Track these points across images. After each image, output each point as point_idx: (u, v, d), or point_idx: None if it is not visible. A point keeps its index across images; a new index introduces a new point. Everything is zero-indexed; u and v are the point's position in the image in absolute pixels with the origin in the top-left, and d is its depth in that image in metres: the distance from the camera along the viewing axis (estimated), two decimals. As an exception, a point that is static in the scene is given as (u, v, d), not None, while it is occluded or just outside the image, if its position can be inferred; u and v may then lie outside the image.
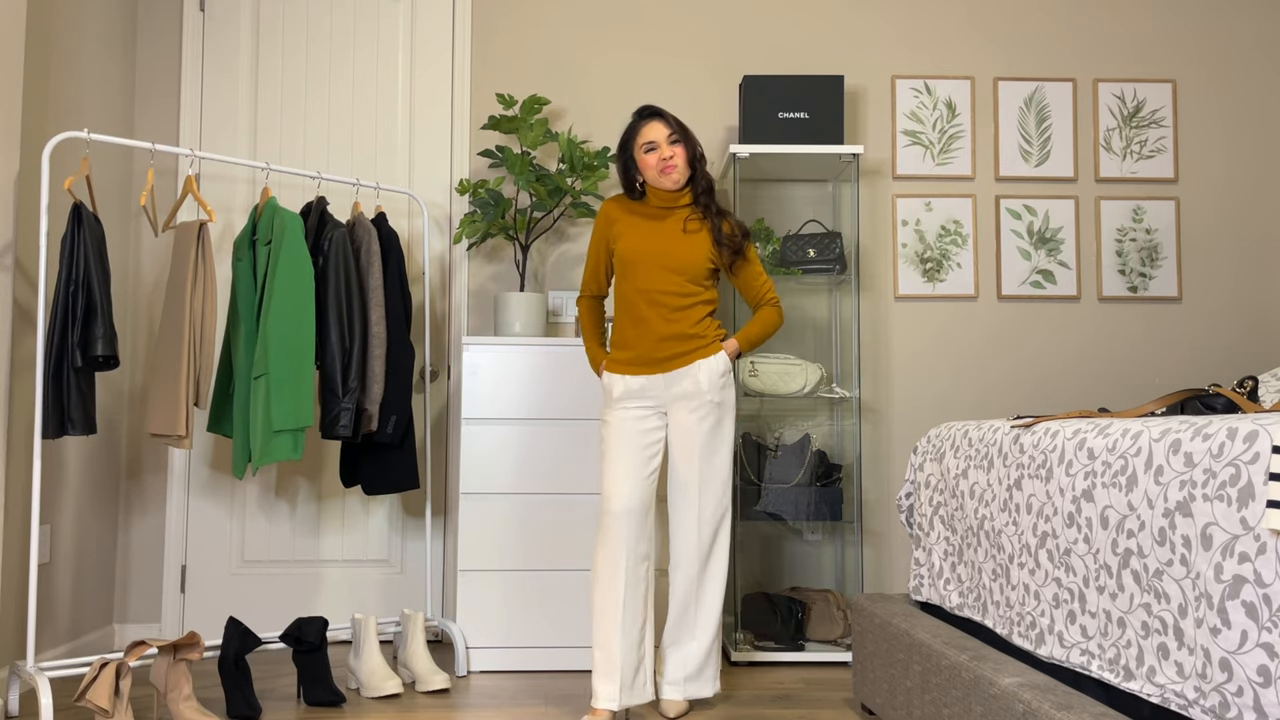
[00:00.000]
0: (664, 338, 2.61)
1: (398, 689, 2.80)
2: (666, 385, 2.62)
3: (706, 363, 2.62)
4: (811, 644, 3.31)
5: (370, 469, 3.16)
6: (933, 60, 3.75)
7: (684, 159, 2.65)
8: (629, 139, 2.69)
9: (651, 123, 2.65)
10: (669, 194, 2.69)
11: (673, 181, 2.65)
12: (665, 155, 2.62)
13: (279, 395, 2.80)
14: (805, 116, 3.39)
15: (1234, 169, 3.76)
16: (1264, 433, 1.33)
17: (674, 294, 2.61)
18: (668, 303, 2.61)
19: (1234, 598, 1.33)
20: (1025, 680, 1.74)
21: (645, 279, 2.63)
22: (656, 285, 2.62)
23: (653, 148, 2.64)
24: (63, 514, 3.06)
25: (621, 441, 2.60)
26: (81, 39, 3.17)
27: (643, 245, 2.65)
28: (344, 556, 3.55)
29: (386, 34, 3.68)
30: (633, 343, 2.64)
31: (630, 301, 2.65)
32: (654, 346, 2.61)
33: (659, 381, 2.62)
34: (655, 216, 2.70)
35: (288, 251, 2.86)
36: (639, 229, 2.68)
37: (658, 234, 2.66)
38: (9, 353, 2.67)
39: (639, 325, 2.63)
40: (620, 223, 2.71)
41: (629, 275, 2.66)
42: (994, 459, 2.10)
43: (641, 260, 2.64)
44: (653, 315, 2.61)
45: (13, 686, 2.63)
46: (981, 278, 3.70)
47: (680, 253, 2.63)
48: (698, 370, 2.61)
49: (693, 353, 2.62)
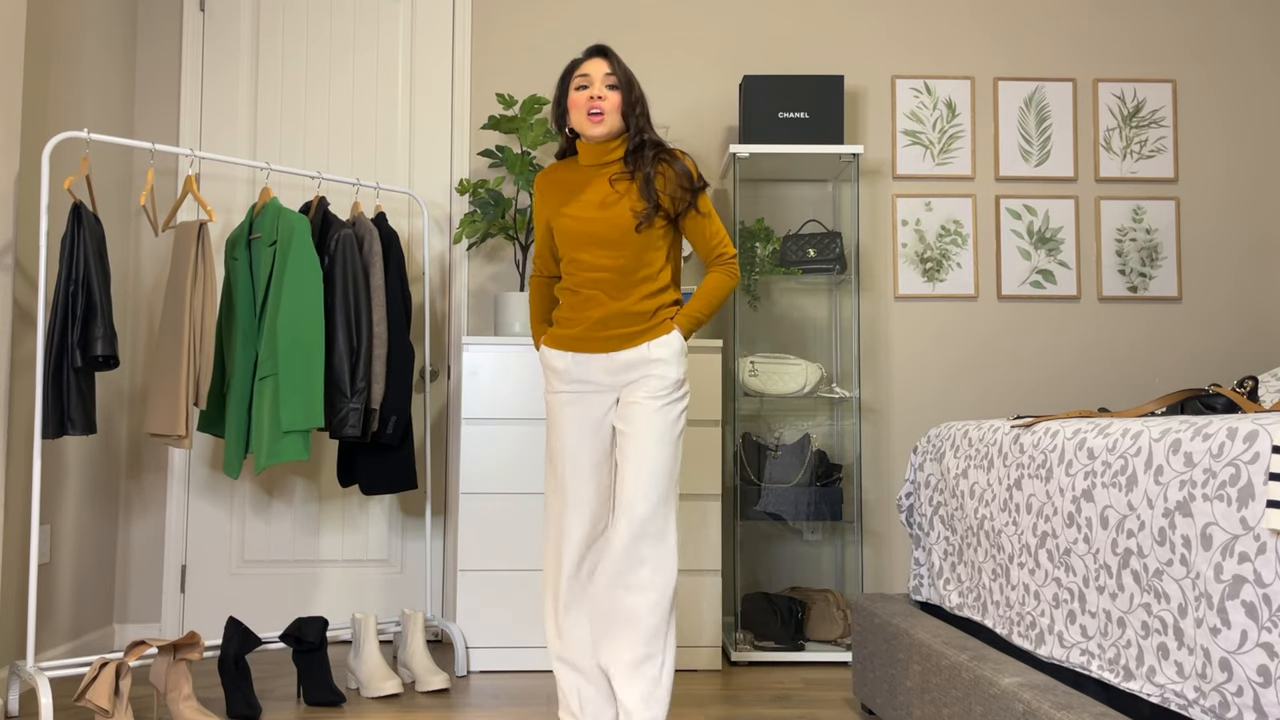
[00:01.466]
0: (605, 317, 2.31)
1: (397, 689, 2.80)
2: (611, 368, 2.32)
3: (651, 345, 2.31)
4: (811, 644, 3.31)
5: (369, 469, 3.16)
6: (933, 60, 3.75)
7: (615, 107, 2.31)
8: (567, 74, 2.38)
9: (593, 59, 2.35)
10: (598, 149, 2.35)
11: (598, 130, 2.30)
12: (595, 94, 2.30)
13: (289, 396, 2.80)
14: (805, 116, 3.39)
15: (1234, 169, 3.76)
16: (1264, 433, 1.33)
17: (609, 270, 2.30)
18: (606, 280, 2.31)
19: (1234, 598, 1.33)
20: (1025, 680, 1.74)
21: (578, 253, 2.33)
22: (591, 260, 2.31)
23: (584, 85, 2.32)
24: (63, 514, 3.06)
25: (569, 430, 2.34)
26: (81, 39, 3.17)
27: (570, 214, 2.34)
28: (344, 556, 3.55)
29: (386, 34, 3.68)
30: (576, 321, 2.35)
31: (575, 278, 2.36)
32: (593, 327, 2.32)
33: (605, 363, 2.32)
34: (582, 182, 2.37)
35: (297, 252, 2.86)
36: (567, 198, 2.37)
37: (584, 202, 2.34)
38: (9, 353, 2.67)
39: (580, 306, 2.34)
40: (549, 195, 2.41)
41: (561, 250, 2.38)
42: (994, 459, 2.10)
43: (568, 233, 2.34)
44: (595, 294, 2.32)
45: (13, 686, 2.63)
46: (981, 278, 3.70)
47: (605, 220, 2.30)
48: (648, 351, 2.30)
49: (640, 334, 2.31)
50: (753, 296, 3.58)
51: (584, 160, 2.39)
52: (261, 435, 2.84)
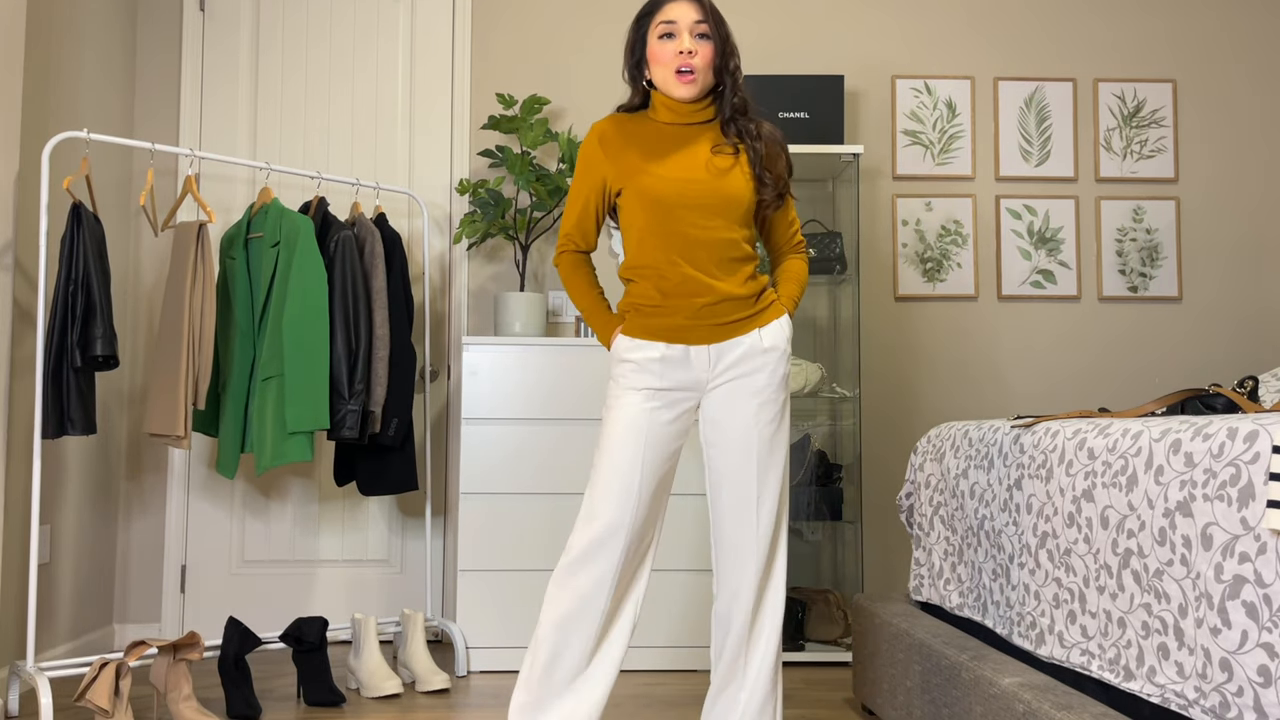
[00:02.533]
0: (711, 302, 1.95)
1: (398, 689, 2.80)
2: (711, 361, 1.97)
3: (768, 330, 1.98)
4: (811, 644, 3.31)
5: (368, 469, 3.16)
6: (933, 60, 3.75)
7: (709, 63, 1.95)
8: (645, 15, 1.99)
9: (680, 2, 1.95)
10: (686, 107, 1.99)
11: (689, 92, 1.95)
12: (685, 48, 1.92)
13: (296, 397, 2.80)
14: (805, 116, 3.39)
15: (1234, 169, 3.76)
16: (1264, 433, 1.33)
17: (711, 244, 1.95)
18: (709, 255, 1.95)
19: (1234, 598, 1.33)
20: (1025, 680, 1.74)
21: (674, 222, 1.95)
22: (694, 232, 1.95)
23: (670, 35, 1.94)
24: (63, 514, 3.06)
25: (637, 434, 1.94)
26: (81, 39, 3.17)
27: (661, 175, 1.95)
28: (344, 556, 3.55)
29: (386, 34, 3.68)
30: (665, 308, 1.97)
31: (654, 255, 1.97)
32: (697, 312, 1.95)
33: (702, 356, 1.97)
34: (669, 139, 1.99)
35: (302, 253, 2.87)
36: (650, 156, 1.97)
37: (677, 162, 1.96)
38: (9, 353, 2.67)
39: (672, 285, 1.96)
40: (621, 150, 2.00)
41: (659, 221, 1.96)
42: (994, 459, 2.10)
43: (656, 196, 1.95)
44: (693, 271, 1.95)
45: (13, 686, 2.63)
46: (981, 278, 3.70)
47: (710, 186, 1.95)
48: (760, 338, 1.97)
49: (749, 319, 1.98)
50: (753, 296, 3.57)
51: (663, 117, 2.01)
52: (264, 436, 2.84)
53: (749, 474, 1.97)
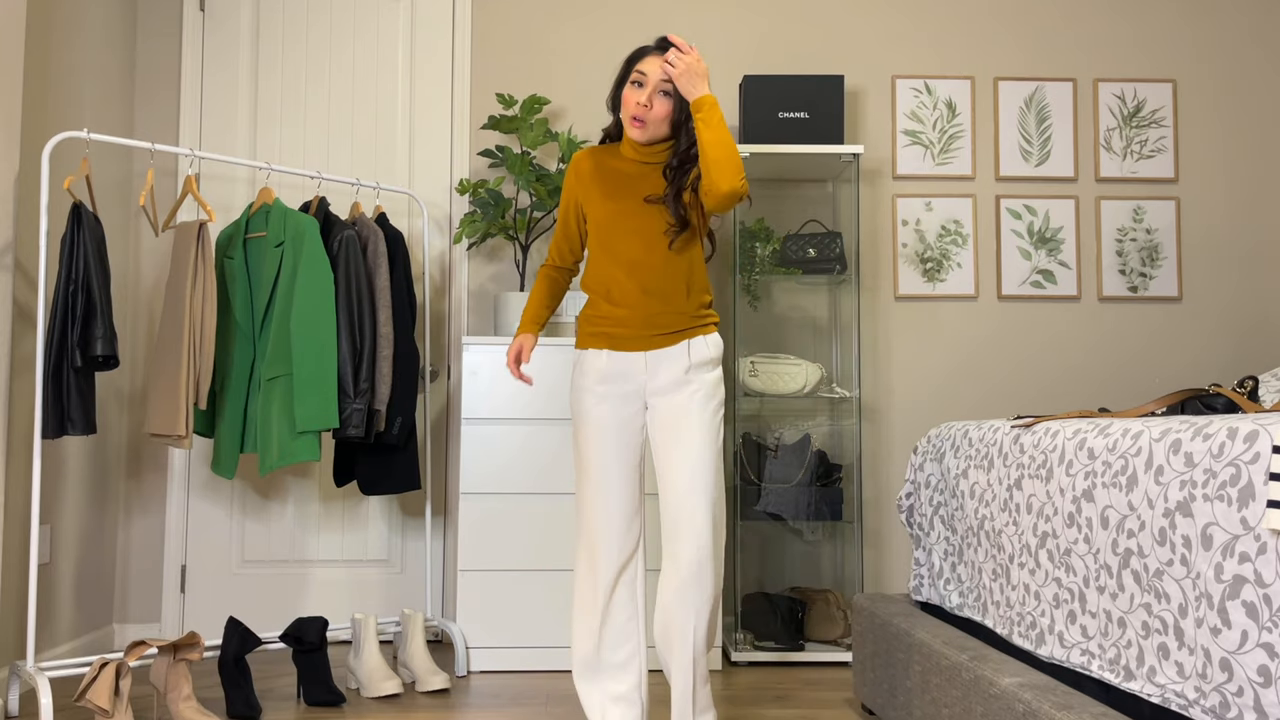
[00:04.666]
0: (648, 315, 2.21)
1: (397, 689, 2.80)
2: (648, 366, 2.22)
3: (692, 343, 2.23)
4: (811, 644, 3.31)
5: (370, 469, 3.16)
6: (933, 60, 3.75)
7: (663, 117, 2.17)
8: (629, 61, 2.22)
9: (653, 57, 2.17)
10: (642, 147, 2.24)
11: (637, 135, 2.19)
12: (643, 100, 2.15)
13: (305, 397, 2.80)
14: (805, 116, 3.39)
15: (1234, 169, 3.76)
16: (1264, 433, 1.33)
17: (655, 266, 2.21)
18: (649, 276, 2.21)
19: (1234, 598, 1.33)
20: (1025, 680, 1.74)
21: (616, 245, 2.23)
22: (636, 255, 2.21)
23: (639, 84, 2.17)
24: (63, 514, 3.06)
25: (604, 434, 2.24)
26: (81, 39, 3.17)
27: (610, 205, 2.24)
28: (344, 556, 3.55)
29: (386, 34, 3.68)
30: (614, 318, 2.24)
31: (610, 274, 2.24)
32: (636, 324, 2.22)
33: (639, 362, 2.23)
34: (625, 173, 2.26)
35: (308, 253, 2.87)
36: (609, 188, 2.25)
37: (625, 193, 2.23)
38: (9, 353, 2.67)
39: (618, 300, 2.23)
40: (589, 179, 2.29)
41: (605, 242, 2.25)
42: (994, 459, 2.10)
43: (604, 224, 2.24)
44: (633, 289, 2.21)
45: (13, 686, 2.63)
46: (981, 278, 3.70)
47: (642, 217, 2.21)
48: (688, 350, 2.22)
49: (681, 332, 2.22)
50: (753, 296, 3.58)
51: (625, 152, 2.28)
52: (270, 436, 2.84)
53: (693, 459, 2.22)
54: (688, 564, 2.14)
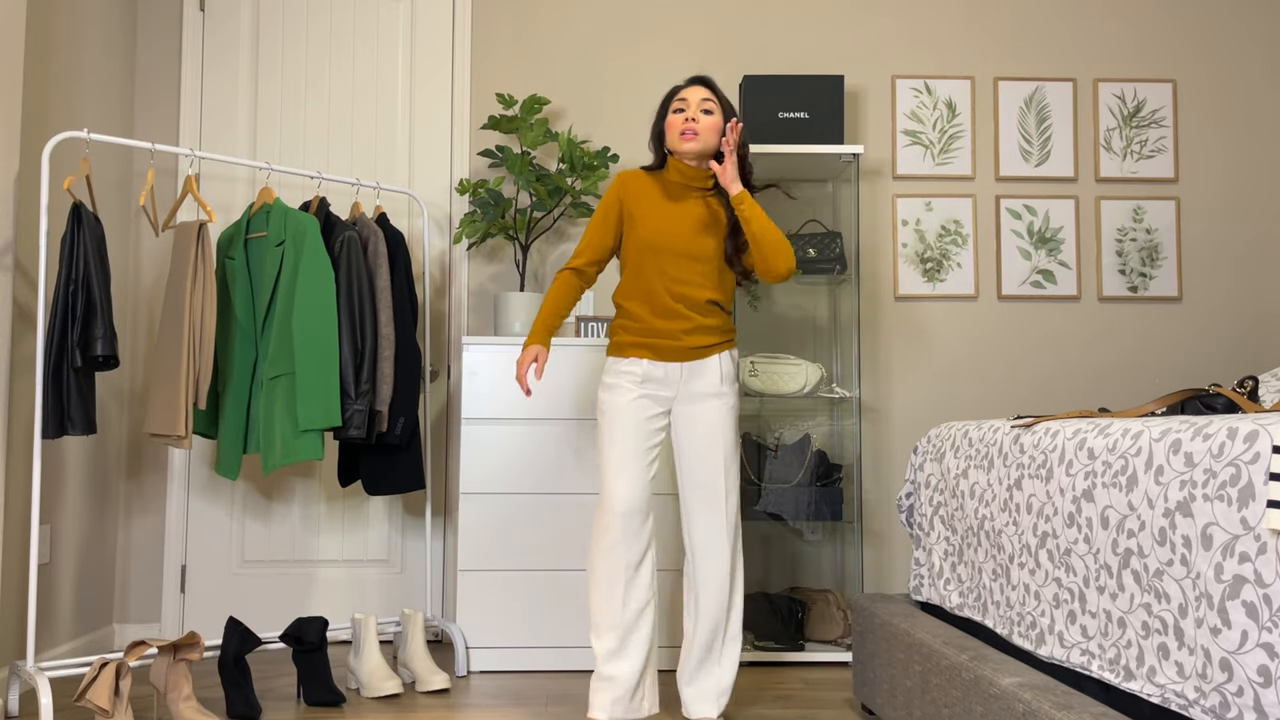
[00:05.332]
0: (689, 329, 2.45)
1: (398, 689, 2.80)
2: (685, 377, 2.47)
3: (722, 358, 2.50)
4: (811, 644, 3.31)
5: (373, 469, 3.16)
6: (933, 60, 3.75)
7: (714, 127, 2.45)
8: (668, 98, 2.52)
9: (692, 86, 2.49)
10: (691, 171, 2.49)
11: (691, 146, 2.44)
12: (690, 115, 2.44)
13: (307, 396, 2.81)
14: (805, 116, 3.39)
15: (1234, 169, 3.76)
16: (1264, 433, 1.33)
17: (695, 284, 2.46)
18: (689, 293, 2.45)
19: (1234, 598, 1.33)
20: (1025, 680, 1.74)
21: (662, 263, 2.45)
22: (679, 274, 2.45)
23: (681, 110, 2.46)
24: (63, 514, 3.06)
25: (627, 430, 2.44)
26: (81, 39, 3.17)
27: (657, 224, 2.47)
28: (344, 556, 3.55)
29: (386, 34, 3.68)
30: (656, 331, 2.47)
31: (653, 290, 2.47)
32: (677, 336, 2.45)
33: (676, 372, 2.47)
34: (671, 195, 2.51)
35: (309, 252, 2.87)
36: (655, 207, 2.49)
37: (672, 214, 2.48)
38: (9, 353, 2.67)
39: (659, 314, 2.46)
40: (640, 199, 2.51)
41: (650, 259, 2.47)
42: (994, 459, 2.10)
43: (649, 243, 2.46)
44: (676, 305, 2.45)
45: (13, 686, 2.63)
46: (981, 278, 3.70)
47: (690, 237, 2.46)
48: (719, 364, 2.48)
49: (714, 346, 2.48)
50: (753, 296, 3.58)
51: (672, 177, 2.52)
52: (273, 435, 2.84)
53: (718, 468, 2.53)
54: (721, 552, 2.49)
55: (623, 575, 2.41)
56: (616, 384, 2.46)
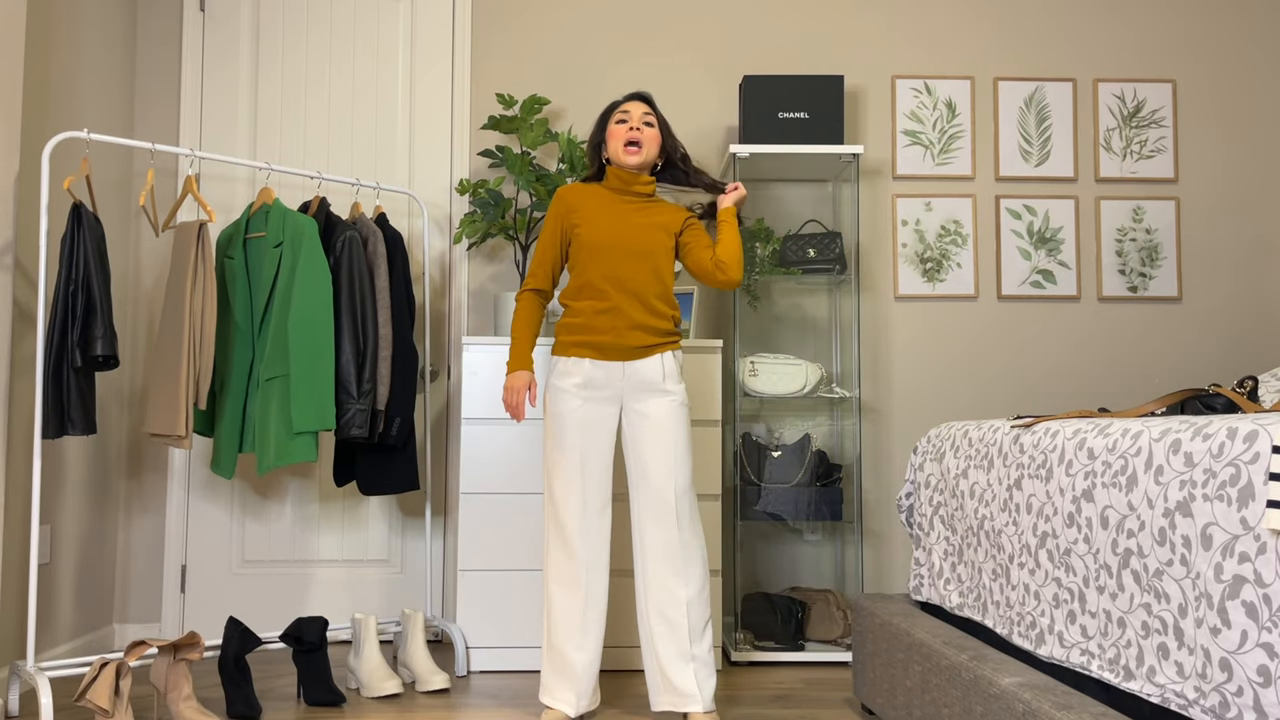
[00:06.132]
0: (631, 326, 2.50)
1: (398, 689, 2.80)
2: (626, 375, 2.51)
3: (664, 357, 2.54)
4: (811, 644, 3.31)
5: (369, 469, 3.16)
6: (933, 60, 3.75)
7: (656, 139, 2.57)
8: (608, 111, 2.62)
9: (633, 101, 2.60)
10: (629, 177, 2.58)
11: (634, 160, 2.54)
12: (634, 126, 2.54)
13: (302, 397, 2.81)
14: (805, 116, 3.39)
15: (1234, 169, 3.76)
16: (1264, 433, 1.33)
17: (638, 282, 2.52)
18: (634, 289, 2.51)
19: (1234, 598, 1.33)
20: (1025, 680, 1.74)
21: (615, 264, 2.52)
22: (622, 272, 2.51)
23: (623, 121, 2.56)
24: (63, 514, 3.06)
25: (585, 430, 2.50)
26: (81, 39, 3.17)
27: (601, 227, 2.54)
28: (344, 556, 3.55)
29: (386, 34, 3.68)
30: (599, 329, 2.51)
31: (598, 289, 2.52)
32: (621, 333, 2.50)
33: (618, 371, 2.51)
34: (610, 199, 2.59)
35: (308, 254, 2.87)
36: (596, 213, 2.56)
37: (614, 216, 2.56)
38: (9, 353, 2.67)
39: (603, 311, 2.51)
40: (576, 207, 2.58)
41: (595, 259, 2.53)
42: (994, 459, 2.10)
43: (595, 245, 2.53)
44: (619, 303, 2.50)
45: (13, 686, 2.63)
46: (981, 278, 3.70)
47: (634, 234, 2.53)
48: (661, 363, 2.52)
49: (656, 346, 2.53)
50: (753, 296, 3.58)
51: (612, 184, 2.60)
52: (268, 436, 2.84)
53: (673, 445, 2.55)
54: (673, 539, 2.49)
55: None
56: (563, 386, 2.52)
